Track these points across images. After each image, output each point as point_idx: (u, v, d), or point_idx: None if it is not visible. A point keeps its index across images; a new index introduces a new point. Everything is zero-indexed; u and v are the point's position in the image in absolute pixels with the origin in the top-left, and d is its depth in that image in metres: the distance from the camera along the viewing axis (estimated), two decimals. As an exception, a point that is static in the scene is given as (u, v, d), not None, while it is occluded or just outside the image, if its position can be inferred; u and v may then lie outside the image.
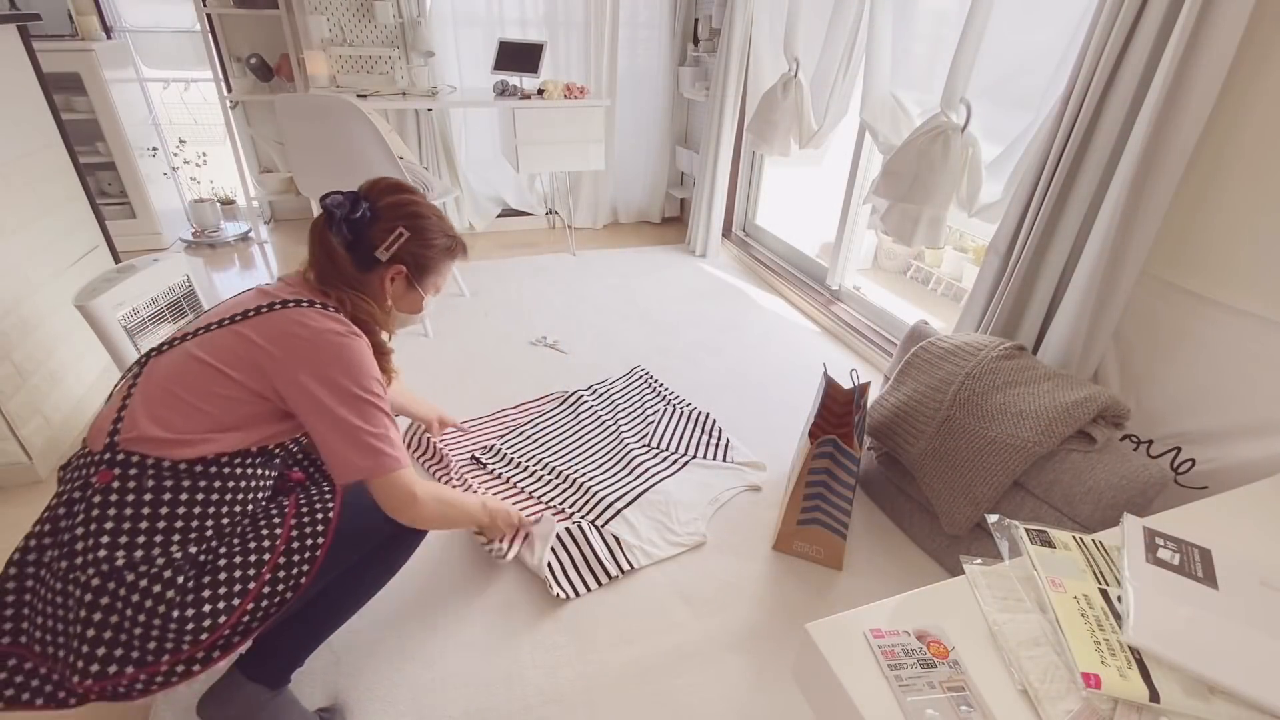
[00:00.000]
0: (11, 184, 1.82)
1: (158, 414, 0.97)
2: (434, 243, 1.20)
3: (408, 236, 1.15)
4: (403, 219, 1.16)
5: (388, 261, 1.15)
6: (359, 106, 2.24)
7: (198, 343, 1.02)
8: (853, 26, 2.33)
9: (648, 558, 1.57)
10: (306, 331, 1.02)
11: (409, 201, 1.18)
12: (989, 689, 0.64)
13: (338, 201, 1.11)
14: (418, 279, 1.21)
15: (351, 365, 1.03)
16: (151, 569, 0.93)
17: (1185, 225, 1.39)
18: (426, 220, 1.18)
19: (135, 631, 0.92)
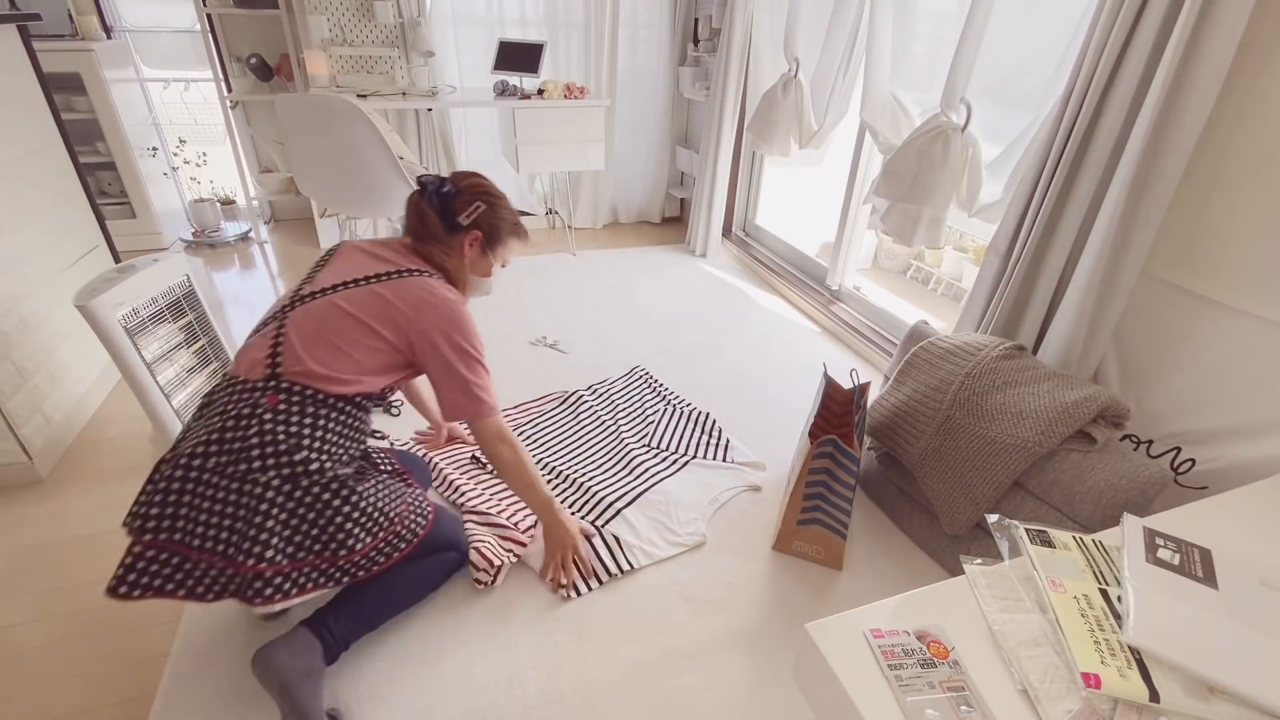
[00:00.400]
0: (11, 184, 1.82)
1: (315, 354, 1.18)
2: (504, 218, 1.47)
3: (484, 209, 1.42)
4: (480, 196, 1.43)
5: (467, 227, 1.40)
6: (359, 106, 2.24)
7: (341, 297, 1.24)
8: (853, 26, 2.33)
9: (648, 558, 1.57)
10: (435, 298, 1.27)
11: (485, 185, 1.46)
12: (989, 689, 0.64)
13: (430, 178, 1.39)
14: (490, 247, 1.46)
15: (466, 328, 1.30)
16: (320, 478, 1.13)
17: (1185, 225, 1.39)
18: (499, 200, 1.47)
19: (300, 525, 1.12)
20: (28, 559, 1.53)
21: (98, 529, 1.62)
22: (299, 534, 1.12)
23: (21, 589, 1.46)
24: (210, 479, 1.09)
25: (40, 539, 1.59)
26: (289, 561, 1.11)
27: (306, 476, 1.12)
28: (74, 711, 1.22)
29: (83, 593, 1.46)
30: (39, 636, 1.36)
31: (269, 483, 1.09)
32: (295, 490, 1.11)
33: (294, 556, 1.11)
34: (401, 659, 1.30)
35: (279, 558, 1.09)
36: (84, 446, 1.92)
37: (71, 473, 1.81)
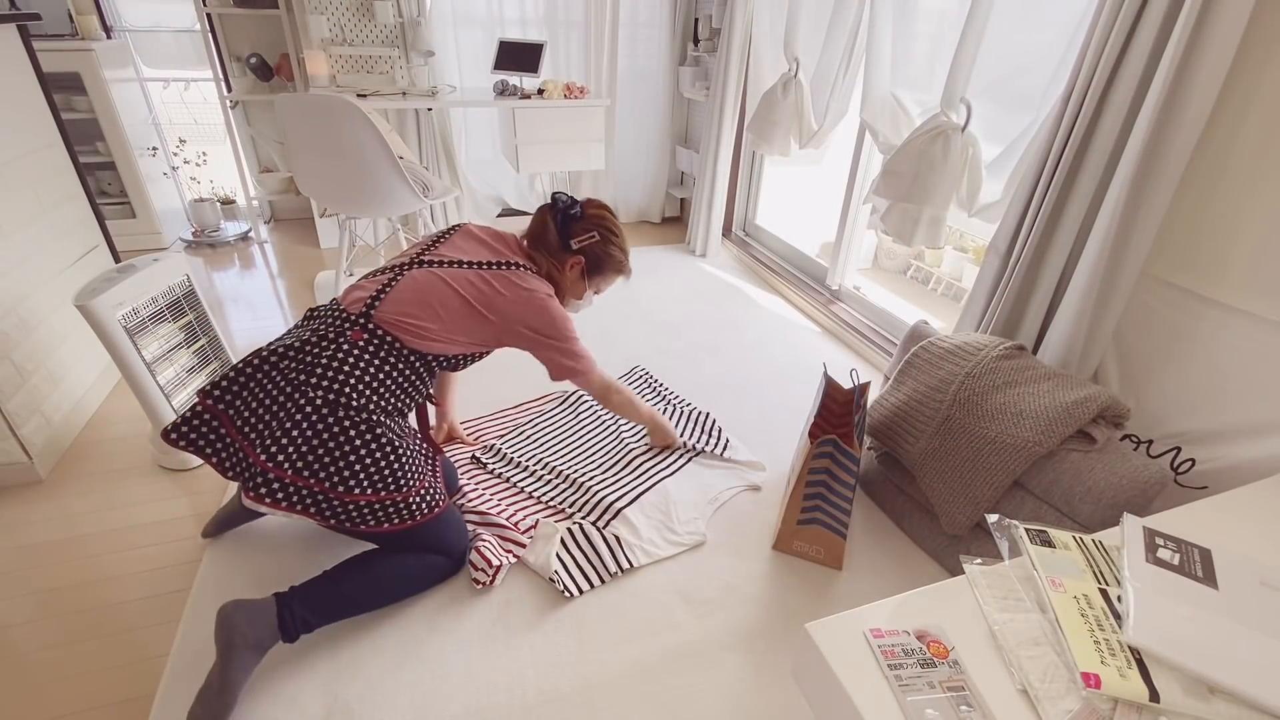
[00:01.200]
0: (11, 184, 1.82)
1: (409, 310, 1.33)
2: (612, 254, 1.58)
3: (596, 240, 1.55)
4: (598, 228, 1.55)
5: (575, 251, 1.54)
6: (359, 106, 2.24)
7: (451, 272, 1.39)
8: (853, 26, 2.33)
9: (648, 556, 1.57)
10: (530, 293, 1.43)
11: (607, 218, 1.58)
12: (989, 689, 0.64)
13: (563, 198, 1.55)
14: (589, 274, 1.59)
15: (556, 317, 1.47)
16: (357, 415, 1.23)
17: (1185, 225, 1.39)
18: (615, 237, 1.58)
19: (318, 448, 1.21)
20: (28, 559, 1.53)
21: (98, 529, 1.62)
22: (314, 454, 1.20)
23: (21, 589, 1.46)
24: (275, 377, 1.25)
25: (40, 539, 1.59)
26: (293, 472, 1.20)
27: (345, 409, 1.22)
28: (74, 711, 1.22)
29: (83, 593, 1.46)
30: (39, 636, 1.36)
31: (313, 399, 1.21)
32: (330, 416, 1.21)
33: (300, 472, 1.20)
34: (401, 659, 1.30)
35: (286, 465, 1.19)
36: (84, 446, 1.92)
37: (71, 473, 1.81)
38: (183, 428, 1.26)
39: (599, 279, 1.61)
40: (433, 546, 1.40)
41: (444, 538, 1.42)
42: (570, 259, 1.54)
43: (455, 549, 1.44)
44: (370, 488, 1.25)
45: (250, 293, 2.96)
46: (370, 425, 1.24)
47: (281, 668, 1.26)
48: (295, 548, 1.54)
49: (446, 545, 1.42)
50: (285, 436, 1.20)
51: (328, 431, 1.21)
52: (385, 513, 1.29)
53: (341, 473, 1.22)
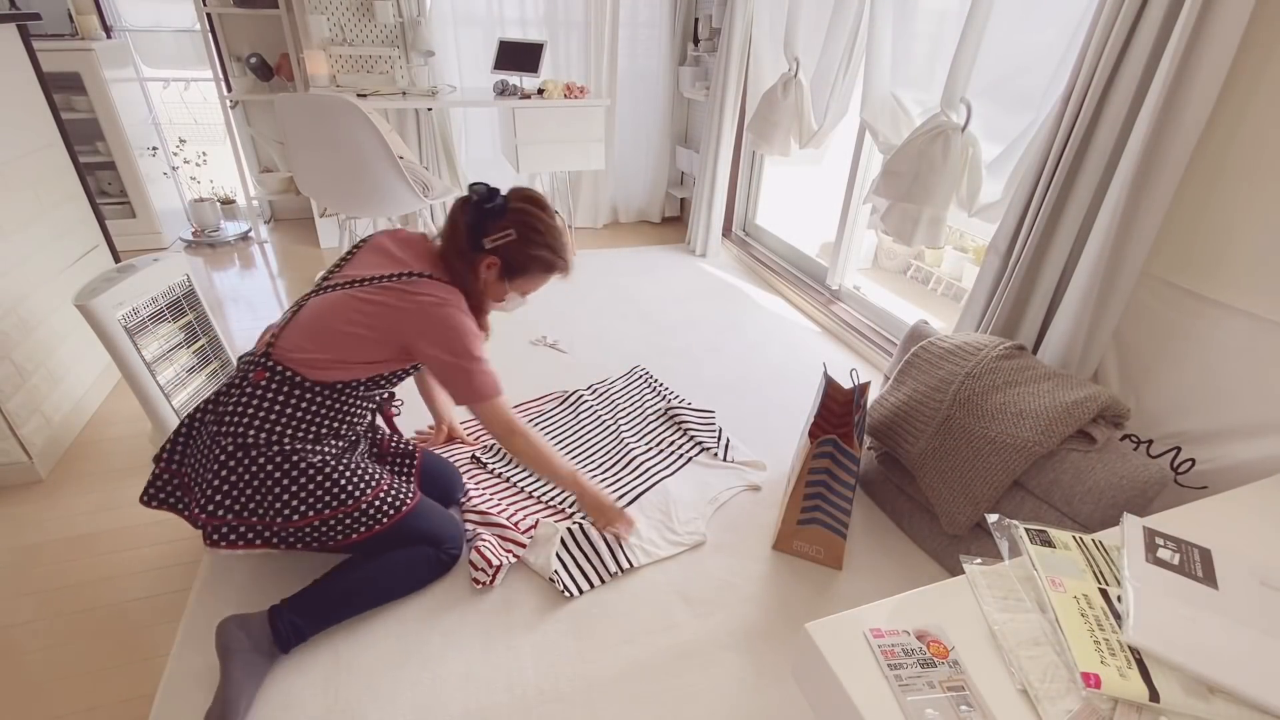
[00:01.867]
0: (11, 184, 1.82)
1: (304, 342, 1.27)
2: (532, 253, 1.38)
3: (513, 238, 1.35)
4: (517, 223, 1.36)
5: (488, 251, 1.35)
6: (359, 106, 2.24)
7: (347, 294, 1.29)
8: (853, 26, 2.33)
9: (647, 556, 1.57)
10: (426, 303, 1.28)
11: (531, 213, 1.38)
12: (989, 689, 0.64)
13: (479, 190, 1.35)
14: (509, 276, 1.40)
15: (450, 326, 1.29)
16: (268, 450, 1.24)
17: (1185, 225, 1.39)
18: (536, 233, 1.38)
19: (245, 489, 1.24)
20: (28, 559, 1.53)
21: (97, 529, 1.62)
22: (243, 495, 1.25)
23: (21, 589, 1.46)
24: (201, 431, 1.31)
25: (40, 539, 1.59)
26: (232, 516, 1.25)
27: (255, 448, 1.24)
28: (74, 711, 1.22)
29: (83, 593, 1.46)
30: (39, 636, 1.36)
31: (225, 446, 1.24)
32: (244, 458, 1.24)
33: (239, 513, 1.25)
34: (402, 659, 1.30)
35: (220, 511, 1.24)
36: (84, 446, 1.92)
37: (71, 473, 1.81)
38: (150, 490, 1.35)
39: (522, 281, 1.43)
40: (415, 541, 1.41)
41: (424, 530, 1.42)
42: (484, 259, 1.36)
43: (441, 538, 1.44)
44: (312, 510, 1.28)
45: (250, 293, 2.96)
46: (285, 456, 1.25)
47: (282, 668, 1.26)
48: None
49: (430, 536, 1.42)
50: (210, 487, 1.24)
51: (247, 472, 1.24)
52: (345, 526, 1.31)
53: (274, 505, 1.25)
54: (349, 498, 1.31)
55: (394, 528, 1.36)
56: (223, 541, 1.25)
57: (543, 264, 1.41)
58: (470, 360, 1.31)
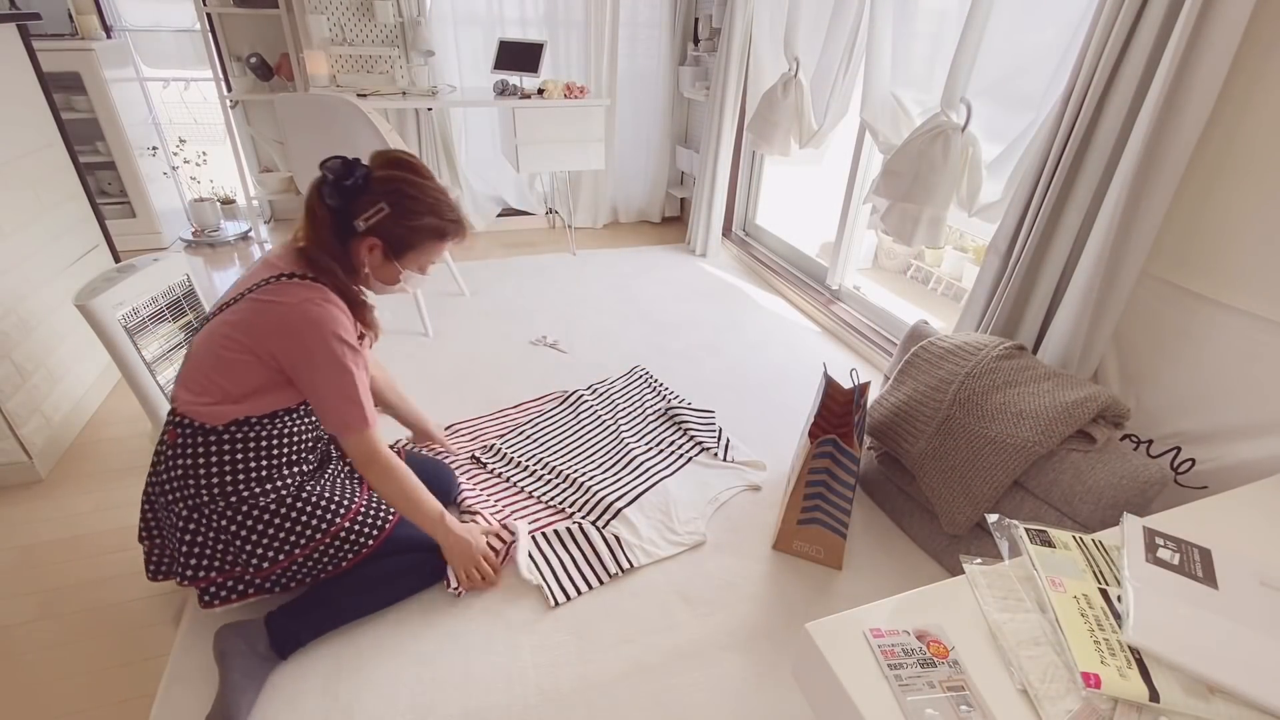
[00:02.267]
0: (11, 183, 1.82)
1: (192, 384, 1.16)
2: (415, 223, 1.21)
3: (387, 213, 1.18)
4: (387, 194, 1.18)
5: (364, 233, 1.19)
6: (359, 106, 2.24)
7: (219, 318, 1.17)
8: (853, 26, 2.33)
9: (648, 556, 1.57)
10: (290, 309, 1.13)
11: (400, 179, 1.20)
12: (989, 689, 0.64)
13: (333, 165, 1.16)
14: (396, 254, 1.23)
15: (322, 336, 1.13)
16: (219, 504, 1.18)
17: (1185, 225, 1.39)
18: (413, 200, 1.20)
19: (216, 545, 1.20)
20: (28, 559, 1.53)
21: (97, 529, 1.62)
22: (217, 553, 1.21)
23: (21, 589, 1.46)
24: (156, 501, 1.25)
25: (40, 539, 1.59)
26: (216, 574, 1.22)
27: (207, 505, 1.18)
28: (74, 711, 1.22)
29: (83, 593, 1.46)
30: (39, 636, 1.36)
31: (180, 513, 1.19)
32: (200, 518, 1.19)
33: (221, 569, 1.22)
34: (401, 659, 1.30)
35: (201, 574, 1.21)
36: (83, 446, 1.92)
37: (71, 472, 1.81)
38: (150, 567, 1.31)
39: (413, 256, 1.24)
40: (410, 546, 1.39)
41: (418, 538, 1.39)
42: (362, 243, 1.19)
43: (431, 543, 1.40)
44: (283, 552, 1.24)
45: (250, 292, 2.96)
46: (236, 506, 1.19)
47: (282, 667, 1.26)
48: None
49: (425, 543, 1.39)
50: (181, 554, 1.20)
51: (210, 530, 1.20)
52: (329, 557, 1.29)
53: (244, 554, 1.22)
54: (317, 531, 1.26)
55: (385, 545, 1.34)
56: (216, 600, 1.23)
57: (431, 233, 1.23)
58: (335, 372, 1.14)
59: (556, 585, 1.48)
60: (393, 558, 1.37)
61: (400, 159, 1.23)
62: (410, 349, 2.49)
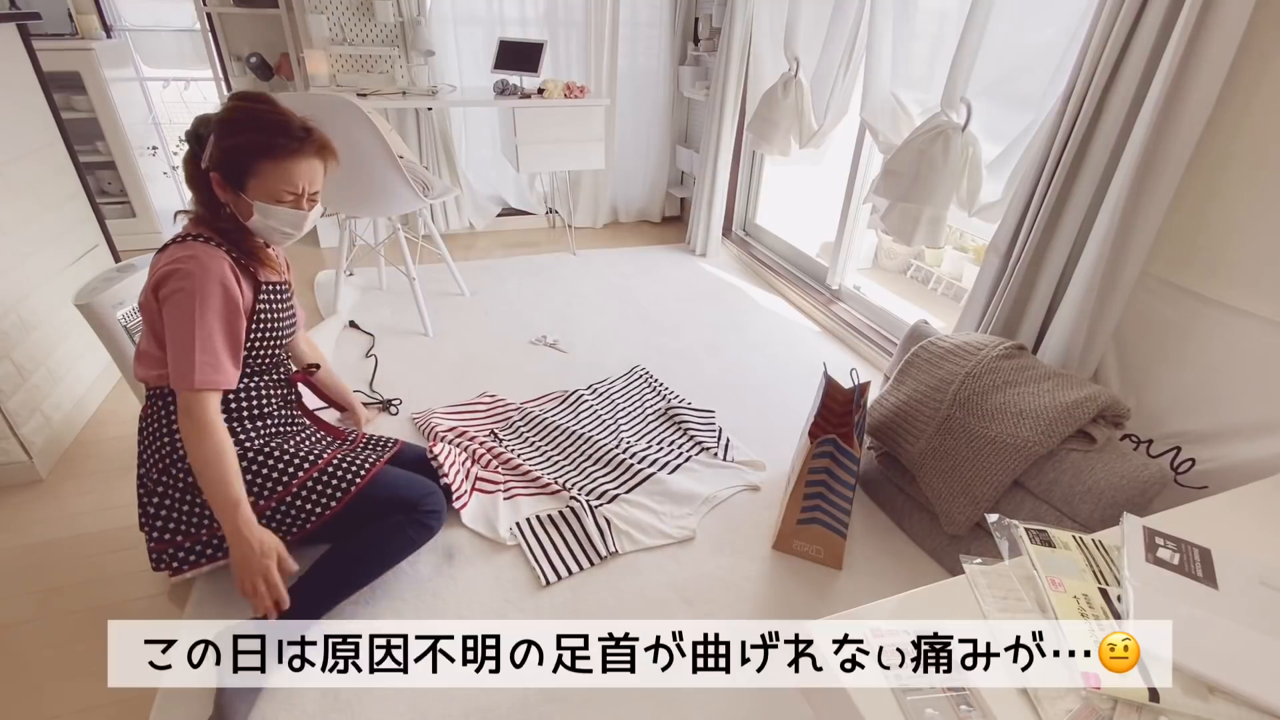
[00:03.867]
0: (11, 183, 1.82)
1: (141, 360, 1.24)
2: (236, 141, 1.16)
3: (214, 140, 1.16)
4: (216, 125, 1.17)
5: (207, 169, 1.18)
6: (359, 105, 2.23)
7: None
8: (853, 26, 2.33)
9: (634, 544, 1.59)
10: (162, 262, 1.17)
11: (231, 107, 1.19)
12: (989, 689, 0.64)
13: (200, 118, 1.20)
14: (236, 184, 1.19)
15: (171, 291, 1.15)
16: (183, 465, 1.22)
17: (1186, 225, 1.39)
18: (233, 123, 1.16)
19: (182, 509, 1.26)
20: (28, 559, 1.53)
21: (98, 528, 1.62)
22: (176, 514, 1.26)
23: (21, 589, 1.46)
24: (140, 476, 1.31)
25: (40, 539, 1.59)
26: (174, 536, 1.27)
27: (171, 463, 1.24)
28: (74, 711, 1.22)
29: (83, 592, 1.46)
30: (39, 636, 1.36)
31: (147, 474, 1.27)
32: (166, 478, 1.25)
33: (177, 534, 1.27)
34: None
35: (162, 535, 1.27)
36: (84, 446, 1.92)
37: (71, 472, 1.81)
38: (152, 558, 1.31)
39: (255, 184, 1.18)
40: (387, 509, 1.36)
41: (394, 497, 1.37)
42: (211, 180, 1.18)
43: (412, 500, 1.38)
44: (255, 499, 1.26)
45: (250, 292, 2.96)
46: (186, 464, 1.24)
47: (281, 668, 1.26)
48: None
49: (401, 502, 1.36)
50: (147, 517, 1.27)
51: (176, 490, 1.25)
52: (296, 509, 1.30)
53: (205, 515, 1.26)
54: (278, 484, 1.29)
55: (358, 502, 1.32)
56: (182, 566, 1.28)
57: (255, 150, 1.17)
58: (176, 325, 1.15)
59: (549, 566, 1.52)
60: (371, 526, 1.35)
61: (243, 93, 1.22)
62: (410, 348, 2.49)
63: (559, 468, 1.85)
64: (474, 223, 3.83)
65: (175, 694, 1.21)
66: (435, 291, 2.96)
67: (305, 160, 1.21)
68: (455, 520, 1.63)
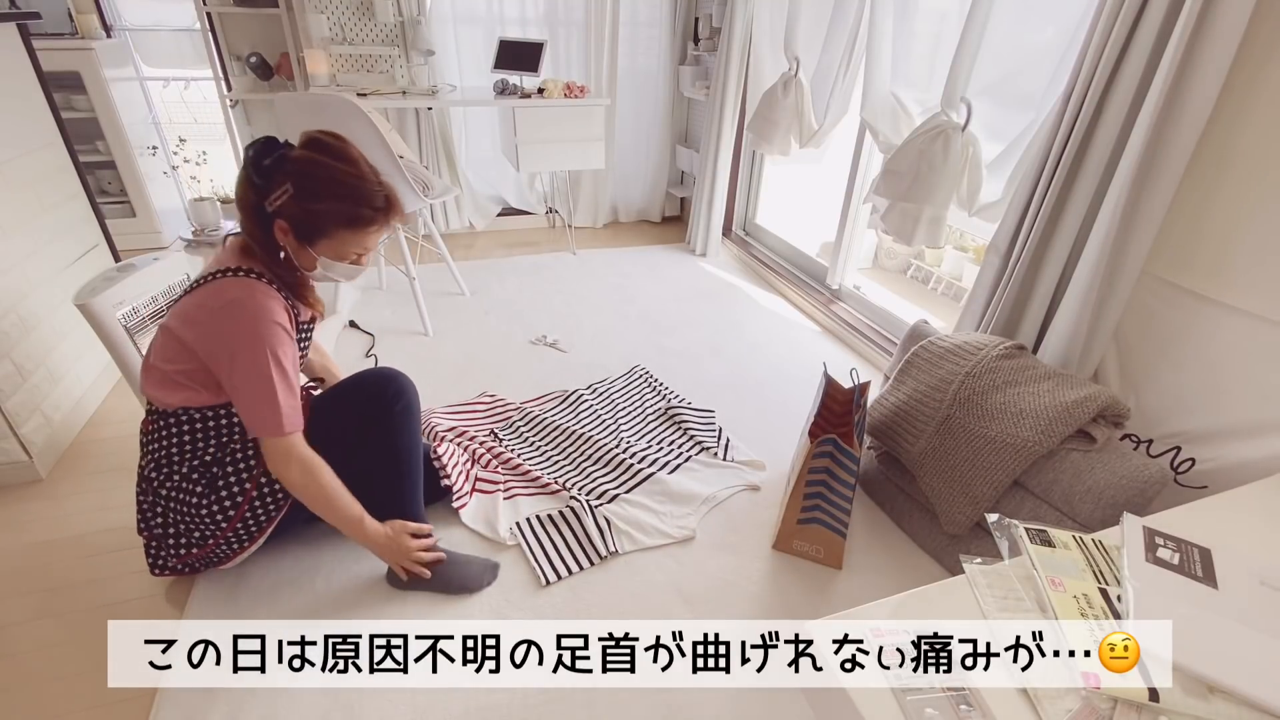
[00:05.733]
0: (11, 183, 1.82)
1: (151, 376, 1.23)
2: (317, 207, 1.15)
3: (290, 194, 1.14)
4: (293, 175, 1.14)
5: (273, 215, 1.16)
6: (359, 105, 2.23)
7: (171, 312, 1.22)
8: (853, 25, 2.33)
9: (634, 544, 1.59)
10: (218, 304, 1.15)
11: (308, 159, 1.15)
12: (989, 689, 0.64)
13: (255, 144, 1.13)
14: (306, 240, 1.19)
15: (243, 343, 1.14)
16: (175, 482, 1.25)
17: (1185, 225, 1.39)
18: (315, 181, 1.15)
19: (183, 522, 1.28)
20: (28, 558, 1.53)
21: (97, 528, 1.62)
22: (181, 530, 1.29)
23: (21, 589, 1.46)
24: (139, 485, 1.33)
25: (40, 538, 1.59)
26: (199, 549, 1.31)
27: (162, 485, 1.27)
28: (74, 711, 1.22)
29: (83, 593, 1.46)
30: (39, 636, 1.36)
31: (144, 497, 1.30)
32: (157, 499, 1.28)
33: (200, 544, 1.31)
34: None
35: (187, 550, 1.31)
36: (83, 445, 1.92)
37: (71, 472, 1.81)
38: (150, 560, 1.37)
39: (325, 243, 1.19)
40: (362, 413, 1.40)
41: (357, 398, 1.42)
42: (276, 225, 1.16)
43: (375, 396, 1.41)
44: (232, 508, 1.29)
45: (250, 292, 2.95)
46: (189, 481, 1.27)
47: (281, 668, 1.26)
48: (294, 545, 1.54)
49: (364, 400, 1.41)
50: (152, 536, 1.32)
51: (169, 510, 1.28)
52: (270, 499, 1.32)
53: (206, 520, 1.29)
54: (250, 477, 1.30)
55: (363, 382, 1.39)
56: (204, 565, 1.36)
57: (339, 218, 1.17)
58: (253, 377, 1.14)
59: (549, 566, 1.52)
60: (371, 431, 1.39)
61: (319, 139, 1.17)
62: (410, 348, 2.49)
63: (559, 467, 1.85)
64: (474, 222, 3.83)
65: (175, 694, 1.21)
66: (435, 291, 2.96)
67: (382, 229, 1.24)
68: (456, 521, 1.64)
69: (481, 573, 1.47)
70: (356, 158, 1.19)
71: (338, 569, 1.50)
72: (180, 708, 1.19)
